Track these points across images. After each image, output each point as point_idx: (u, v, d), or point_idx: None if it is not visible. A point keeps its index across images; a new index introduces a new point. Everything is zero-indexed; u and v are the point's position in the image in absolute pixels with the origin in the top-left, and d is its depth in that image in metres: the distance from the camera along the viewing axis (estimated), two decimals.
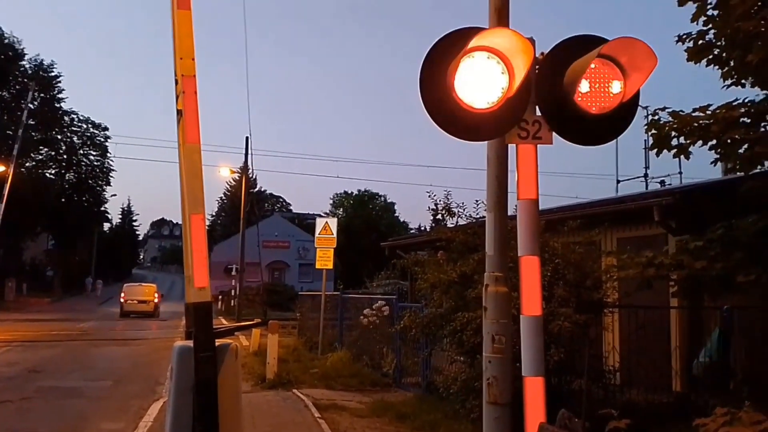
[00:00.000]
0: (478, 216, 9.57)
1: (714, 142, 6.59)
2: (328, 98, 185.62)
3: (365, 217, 63.98)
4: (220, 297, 41.02)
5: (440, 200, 10.82)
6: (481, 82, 3.56)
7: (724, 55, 6.79)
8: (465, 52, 3.44)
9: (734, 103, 6.49)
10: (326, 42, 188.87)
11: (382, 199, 69.24)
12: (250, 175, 45.60)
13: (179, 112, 4.00)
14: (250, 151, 34.22)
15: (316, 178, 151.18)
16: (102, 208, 58.68)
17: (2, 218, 36.04)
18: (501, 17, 4.06)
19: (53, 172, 52.33)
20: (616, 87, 3.66)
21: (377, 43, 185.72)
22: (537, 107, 3.76)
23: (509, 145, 3.92)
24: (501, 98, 3.58)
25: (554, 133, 3.78)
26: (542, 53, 3.77)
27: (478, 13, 5.42)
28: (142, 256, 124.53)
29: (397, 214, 69.96)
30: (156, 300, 35.32)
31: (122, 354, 16.93)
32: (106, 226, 70.87)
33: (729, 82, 6.89)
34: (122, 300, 34.61)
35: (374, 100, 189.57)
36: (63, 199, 51.48)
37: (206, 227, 3.90)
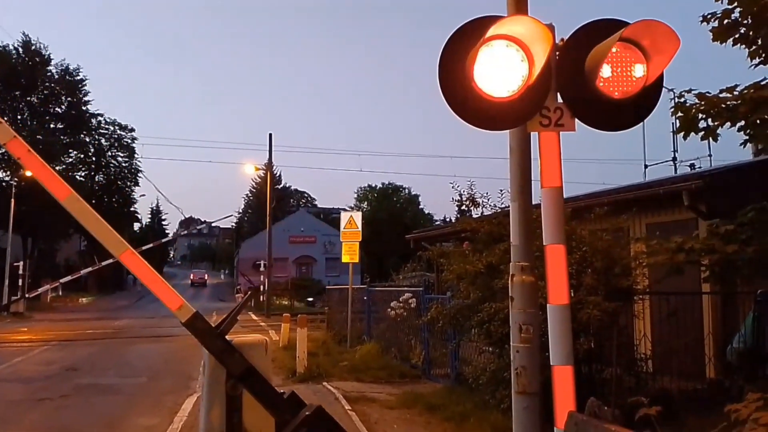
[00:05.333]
0: (502, 206, 9.53)
1: (742, 123, 6.43)
2: (349, 91, 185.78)
3: (390, 210, 64.02)
4: (249, 292, 41.59)
5: (464, 191, 10.81)
6: (501, 70, 3.54)
7: (751, 33, 6.62)
8: (484, 41, 3.42)
9: (762, 83, 6.33)
10: (347, 36, 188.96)
11: (406, 191, 69.29)
12: (275, 172, 45.92)
13: (32, 176, 3.95)
14: (272, 148, 34.46)
15: (340, 172, 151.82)
16: (131, 209, 59.73)
17: (35, 222, 36.81)
18: (519, 4, 4.03)
19: (83, 174, 53.41)
20: (638, 71, 3.59)
21: (398, 34, 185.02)
22: (558, 94, 3.71)
23: (531, 133, 3.88)
24: (521, 86, 3.55)
25: (577, 120, 3.73)
26: (562, 39, 3.72)
27: (496, 1, 5.36)
28: (172, 255, 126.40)
29: (421, 206, 69.99)
30: (206, 278, 77.13)
31: (156, 351, 17.22)
32: (137, 226, 72.27)
33: (756, 61, 6.71)
34: (191, 278, 76.39)
35: (395, 92, 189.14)
36: (93, 201, 52.43)
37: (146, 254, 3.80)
